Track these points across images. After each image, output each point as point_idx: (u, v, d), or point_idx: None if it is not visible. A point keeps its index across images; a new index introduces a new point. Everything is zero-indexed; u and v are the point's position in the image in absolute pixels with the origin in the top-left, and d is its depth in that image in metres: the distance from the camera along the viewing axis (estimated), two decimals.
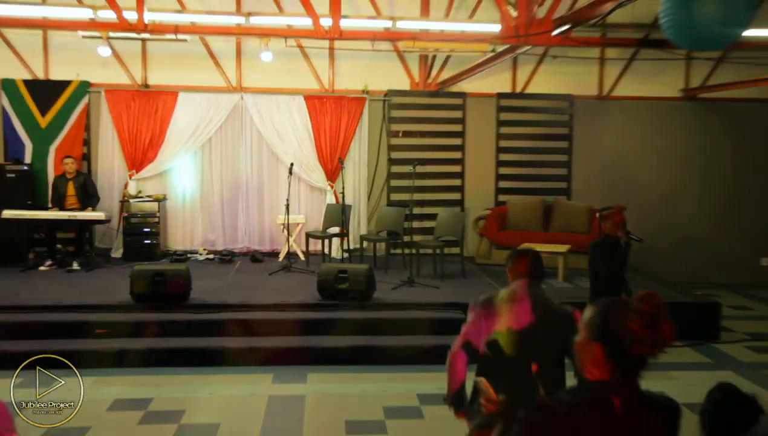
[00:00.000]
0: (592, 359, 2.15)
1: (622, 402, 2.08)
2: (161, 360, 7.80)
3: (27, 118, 11.60)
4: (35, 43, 11.79)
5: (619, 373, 2.11)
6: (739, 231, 12.59)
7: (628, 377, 2.12)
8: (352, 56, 12.06)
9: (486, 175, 12.47)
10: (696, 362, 8.25)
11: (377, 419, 6.42)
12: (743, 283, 12.33)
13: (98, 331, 8.15)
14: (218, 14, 10.44)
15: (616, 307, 2.14)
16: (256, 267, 11.11)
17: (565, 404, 2.15)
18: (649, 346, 2.05)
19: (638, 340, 2.05)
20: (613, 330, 2.09)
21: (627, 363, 2.10)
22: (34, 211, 10.69)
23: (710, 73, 12.51)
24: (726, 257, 12.46)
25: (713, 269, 12.35)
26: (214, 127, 11.93)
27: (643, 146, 12.52)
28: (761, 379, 7.48)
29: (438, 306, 8.83)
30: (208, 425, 6.33)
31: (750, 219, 12.60)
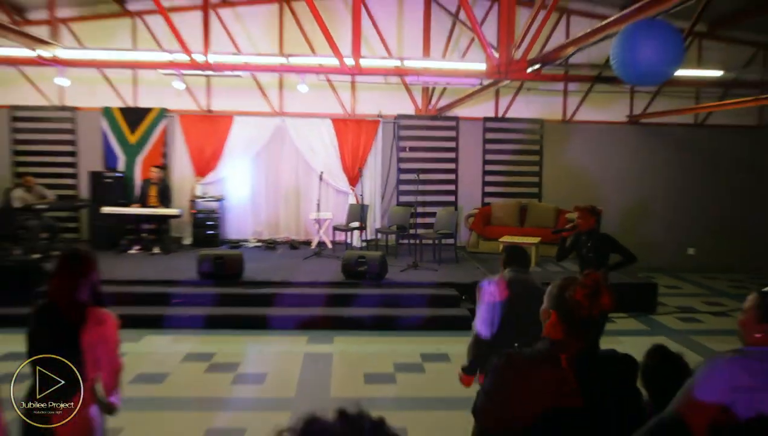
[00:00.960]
0: (549, 322, 2.19)
1: (567, 358, 2.10)
2: (221, 324, 7.86)
3: (120, 136, 11.71)
4: (127, 79, 11.94)
5: (569, 334, 2.14)
6: (671, 226, 12.59)
7: (577, 338, 2.14)
8: (369, 88, 12.13)
9: (474, 182, 12.48)
10: (638, 329, 8.32)
11: (389, 372, 6.48)
12: (674, 267, 12.35)
13: (174, 300, 8.26)
14: (265, 56, 10.48)
15: (567, 282, 2.17)
16: (293, 253, 11.16)
17: (525, 355, 2.18)
18: (588, 311, 2.08)
19: (580, 306, 2.09)
20: (563, 299, 2.13)
21: (574, 325, 2.12)
22: (125, 208, 10.77)
23: (649, 103, 12.51)
24: (661, 247, 12.46)
25: (652, 256, 12.31)
26: (260, 144, 11.97)
27: (598, 160, 12.53)
28: (687, 342, 7.56)
29: (436, 285, 8.86)
30: (258, 374, 6.40)
31: (679, 217, 12.60)
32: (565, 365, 2.09)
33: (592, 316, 2.10)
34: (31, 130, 11.87)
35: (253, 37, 11.80)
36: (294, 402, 5.68)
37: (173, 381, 6.14)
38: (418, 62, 9.86)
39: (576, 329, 2.13)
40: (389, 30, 11.98)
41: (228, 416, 5.35)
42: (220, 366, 6.56)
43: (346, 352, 7.14)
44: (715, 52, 11.96)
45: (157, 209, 10.74)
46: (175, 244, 11.33)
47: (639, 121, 12.58)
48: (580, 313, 2.10)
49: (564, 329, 2.14)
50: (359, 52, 8.53)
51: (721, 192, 12.65)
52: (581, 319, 2.10)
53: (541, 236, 10.62)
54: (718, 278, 11.88)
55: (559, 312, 2.15)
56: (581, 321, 2.11)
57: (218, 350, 7.03)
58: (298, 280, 8.92)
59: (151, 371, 6.34)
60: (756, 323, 2.24)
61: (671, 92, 11.90)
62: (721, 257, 12.58)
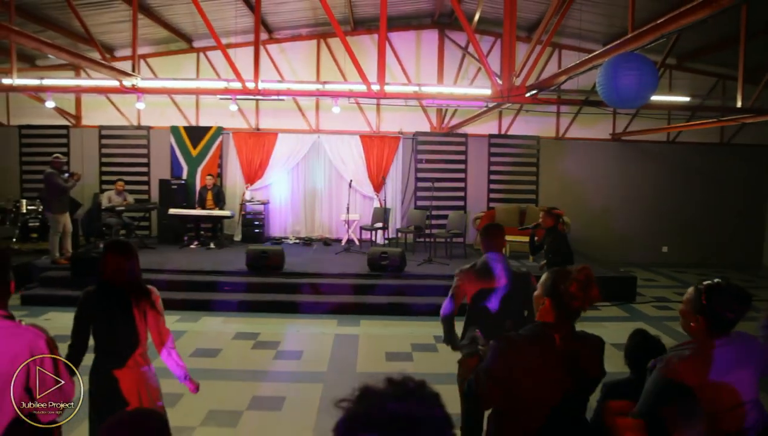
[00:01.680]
0: (542, 308, 2.18)
1: (561, 337, 2.11)
2: (264, 308, 7.86)
3: (184, 150, 11.84)
4: (191, 103, 12.07)
5: (560, 319, 2.14)
6: (647, 228, 12.43)
7: (566, 322, 2.15)
8: (392, 109, 12.10)
9: (481, 189, 12.39)
10: (619, 316, 8.17)
11: (407, 352, 6.45)
12: (651, 263, 12.19)
13: (226, 287, 8.30)
14: (305, 83, 10.52)
15: (561, 274, 2.16)
16: (326, 248, 11.15)
17: (521, 336, 2.17)
18: (581, 302, 2.08)
19: (574, 297, 2.08)
20: (558, 290, 2.11)
21: (566, 313, 2.12)
22: (187, 210, 10.87)
23: (629, 123, 12.32)
24: (640, 246, 12.35)
25: (632, 253, 12.23)
26: (300, 156, 12.00)
27: (585, 170, 12.37)
28: (662, 327, 7.40)
29: (448, 277, 8.71)
30: (295, 351, 6.39)
31: (654, 219, 12.43)
32: (559, 344, 2.10)
33: (583, 306, 2.10)
34: (114, 146, 12.06)
35: (295, 67, 11.84)
36: (326, 376, 5.67)
37: (225, 356, 6.17)
38: (433, 88, 9.82)
39: (567, 315, 2.13)
40: (409, 61, 11.95)
41: (270, 386, 5.36)
42: (263, 344, 6.57)
43: (370, 334, 7.10)
44: (684, 81, 11.88)
45: (213, 211, 10.80)
46: (227, 240, 11.40)
47: (620, 138, 12.40)
48: (573, 304, 2.09)
49: (556, 314, 2.14)
50: (384, 79, 8.51)
51: (689, 199, 12.47)
52: (574, 308, 2.10)
53: None
54: (688, 272, 11.69)
55: (553, 301, 2.14)
56: (574, 310, 2.11)
57: (262, 330, 7.04)
58: (330, 272, 8.90)
59: (206, 346, 6.38)
60: (691, 314, 2.22)
61: (647, 114, 11.73)
62: (690, 254, 12.47)
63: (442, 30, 11.94)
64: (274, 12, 10.60)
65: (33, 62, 11.56)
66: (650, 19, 5.38)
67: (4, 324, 2.01)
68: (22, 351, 1.98)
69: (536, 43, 7.52)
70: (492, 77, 8.24)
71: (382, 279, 8.60)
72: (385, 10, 8.09)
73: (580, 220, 11.98)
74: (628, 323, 7.68)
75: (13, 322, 2.04)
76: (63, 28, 9.79)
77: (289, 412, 4.80)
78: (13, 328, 2.02)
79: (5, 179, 11.81)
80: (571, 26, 10.17)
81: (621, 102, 5.53)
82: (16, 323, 2.04)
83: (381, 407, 0.95)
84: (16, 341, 1.99)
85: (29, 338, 2.02)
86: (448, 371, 5.80)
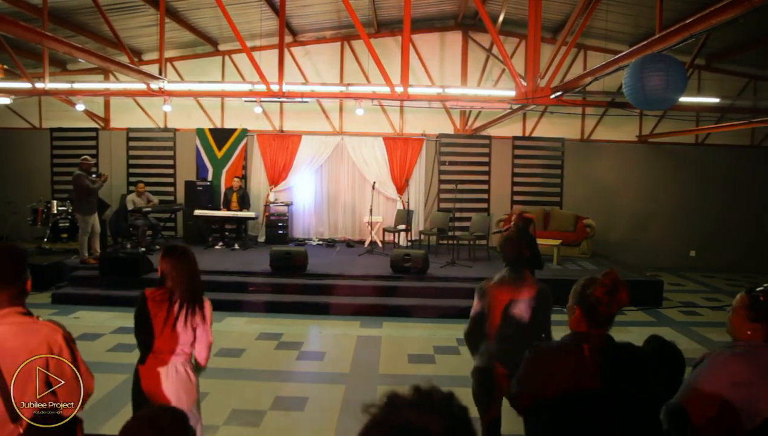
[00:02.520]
0: (574, 317, 2.16)
1: (590, 348, 2.07)
2: (288, 309, 7.89)
3: (209, 152, 11.95)
4: (216, 105, 12.21)
5: (591, 327, 2.11)
6: (675, 231, 12.18)
7: (598, 330, 2.11)
8: (415, 111, 12.08)
9: (504, 191, 12.29)
10: (645, 320, 8.04)
11: (429, 354, 6.43)
12: (678, 267, 11.95)
13: (250, 288, 8.36)
14: (328, 85, 10.58)
15: (589, 281, 2.13)
16: (349, 250, 11.15)
17: (551, 347, 2.17)
18: (606, 306, 2.06)
19: (600, 302, 2.06)
20: (586, 296, 2.09)
21: (595, 319, 2.09)
22: (212, 211, 10.97)
23: (656, 125, 12.11)
24: (667, 249, 12.12)
25: (658, 257, 12.00)
26: (323, 158, 12.04)
27: (611, 173, 12.20)
28: (689, 333, 7.26)
29: (471, 279, 8.67)
30: (318, 351, 6.42)
31: (682, 223, 12.17)
32: (587, 354, 2.06)
33: (611, 310, 2.07)
34: (142, 148, 12.27)
35: (319, 70, 11.91)
36: (348, 377, 5.68)
37: (249, 356, 6.22)
38: (457, 90, 9.81)
39: (597, 322, 2.10)
40: (432, 62, 11.94)
41: (293, 387, 5.40)
42: (286, 344, 6.61)
43: (392, 335, 7.09)
44: (713, 82, 11.64)
45: (238, 212, 10.88)
46: (251, 241, 11.47)
47: (647, 140, 12.19)
48: (600, 308, 2.06)
49: (587, 323, 2.11)
50: (407, 81, 8.53)
51: (718, 202, 12.20)
52: (601, 313, 2.07)
53: (561, 239, 10.43)
54: (716, 276, 11.46)
55: (582, 308, 2.11)
56: (602, 315, 2.08)
57: (285, 331, 7.09)
58: (353, 273, 8.90)
59: (230, 346, 6.44)
60: (746, 322, 2.14)
61: (675, 116, 11.53)
62: (718, 258, 12.15)
63: (466, 31, 11.90)
64: (299, 15, 10.69)
65: (64, 66, 11.84)
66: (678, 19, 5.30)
67: (21, 320, 2.07)
68: (40, 345, 2.03)
69: (561, 45, 7.47)
70: (516, 79, 8.20)
71: (405, 281, 8.58)
72: (408, 12, 8.11)
73: (605, 223, 11.83)
74: (654, 328, 7.53)
75: (30, 318, 2.11)
76: (93, 33, 10.01)
77: (312, 413, 4.82)
78: (30, 324, 2.08)
79: (37, 181, 12.10)
80: (597, 27, 10.06)
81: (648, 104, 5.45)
82: (33, 319, 2.11)
83: (402, 416, 0.94)
84: (33, 337, 2.05)
85: (46, 332, 2.07)
86: None
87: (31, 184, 12.01)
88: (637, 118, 12.14)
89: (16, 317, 2.07)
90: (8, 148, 12.17)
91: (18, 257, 2.17)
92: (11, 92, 9.63)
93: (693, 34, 4.92)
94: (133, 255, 8.54)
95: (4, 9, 7.90)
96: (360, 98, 9.59)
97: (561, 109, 11.56)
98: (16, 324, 2.05)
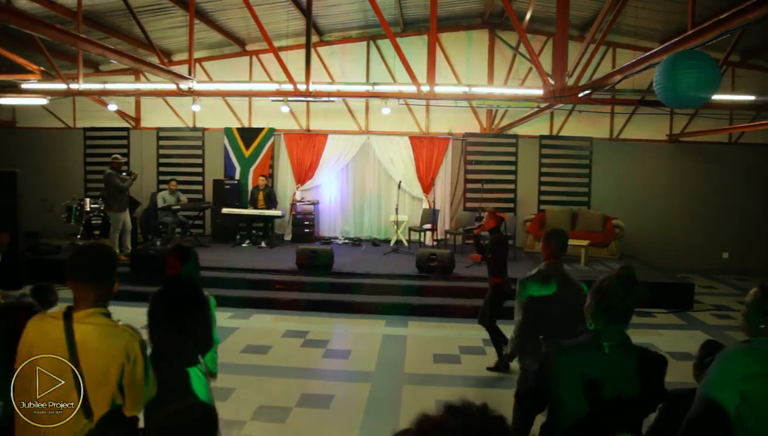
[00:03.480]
0: (591, 313, 2.16)
1: (610, 345, 2.07)
2: (314, 307, 7.95)
3: (237, 151, 12.10)
4: (244, 105, 12.34)
5: (607, 323, 2.10)
6: (707, 233, 11.86)
7: (614, 327, 2.10)
8: (441, 110, 12.03)
9: (531, 191, 12.17)
10: (676, 323, 7.88)
11: (454, 354, 6.41)
12: (710, 269, 11.66)
13: (277, 286, 8.44)
14: (354, 84, 10.62)
15: (607, 276, 2.15)
16: (375, 249, 11.17)
17: (571, 343, 2.16)
18: (622, 300, 2.05)
19: (614, 294, 2.06)
20: (601, 290, 2.11)
21: (611, 314, 2.08)
22: (240, 209, 11.10)
23: (687, 124, 11.82)
24: (698, 251, 11.81)
25: (690, 259, 11.72)
26: (349, 157, 12.07)
27: (640, 173, 11.96)
28: (721, 337, 7.09)
29: None
30: (344, 350, 6.46)
31: (715, 224, 11.86)
32: (608, 353, 2.06)
33: (626, 305, 2.06)
34: (171, 147, 12.47)
35: (345, 69, 11.94)
36: (374, 375, 5.70)
37: (275, 353, 6.28)
38: (484, 88, 9.74)
39: (614, 317, 2.09)
40: (458, 61, 11.87)
41: (319, 384, 5.44)
42: (312, 342, 6.66)
43: (417, 335, 7.09)
44: (747, 79, 11.27)
45: (264, 211, 10.98)
46: (278, 239, 11.55)
47: (678, 139, 11.92)
48: (615, 301, 2.06)
49: (603, 317, 2.10)
50: (434, 80, 8.50)
51: (752, 202, 11.84)
52: (617, 308, 2.07)
53: (589, 239, 10.29)
54: (750, 279, 11.10)
55: (598, 302, 2.11)
56: (617, 310, 2.07)
57: (311, 329, 7.13)
58: (379, 272, 8.91)
59: (257, 343, 6.52)
60: (760, 315, 2.08)
61: (707, 114, 11.23)
62: (752, 260, 11.81)
63: (493, 30, 11.81)
64: (325, 15, 10.74)
65: (97, 67, 12.09)
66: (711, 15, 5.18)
67: (104, 322, 2.14)
68: (120, 352, 2.10)
69: (590, 42, 7.35)
70: (544, 77, 8.10)
71: (431, 280, 8.57)
72: (435, 11, 8.08)
73: (635, 223, 11.61)
74: (685, 331, 7.39)
75: (111, 321, 2.18)
76: (124, 34, 10.21)
77: (337, 410, 4.85)
78: (113, 327, 2.15)
79: (71, 179, 12.40)
80: (626, 24, 9.89)
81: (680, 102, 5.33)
82: (114, 323, 2.17)
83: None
84: (115, 342, 2.11)
85: (127, 339, 2.14)
86: (496, 375, 5.76)
87: (65, 182, 12.31)
88: (667, 117, 11.88)
89: (99, 317, 2.13)
90: (44, 147, 12.50)
91: (114, 259, 2.26)
92: (48, 93, 9.87)
93: (728, 30, 4.80)
94: (163, 253, 8.66)
95: (42, 13, 8.10)
96: (386, 97, 9.59)
97: (589, 107, 11.39)
98: (100, 326, 2.12)
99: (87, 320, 2.10)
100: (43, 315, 2.16)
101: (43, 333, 2.08)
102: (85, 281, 2.12)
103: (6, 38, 9.25)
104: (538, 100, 8.91)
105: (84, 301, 2.12)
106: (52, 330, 2.07)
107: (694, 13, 5.42)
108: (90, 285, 2.12)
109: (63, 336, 2.05)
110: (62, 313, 2.10)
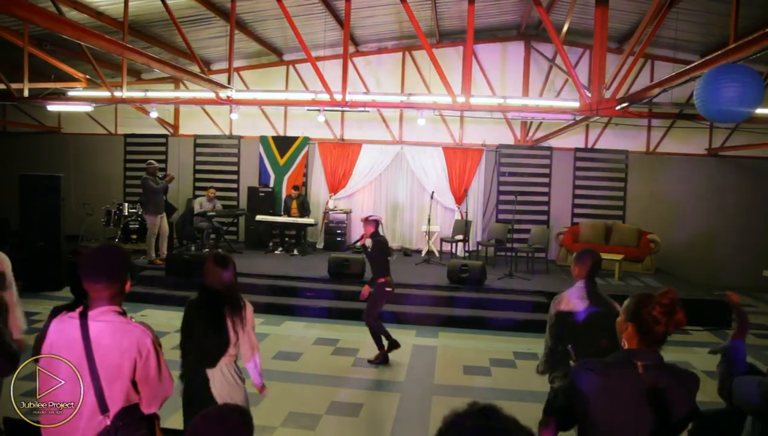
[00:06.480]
0: (626, 334, 2.13)
1: (644, 366, 2.04)
2: (345, 315, 7.95)
3: (272, 159, 12.30)
4: (280, 114, 12.58)
5: (643, 345, 2.08)
6: (747, 250, 11.50)
7: (650, 348, 2.08)
8: (475, 121, 12.04)
9: (565, 204, 12.03)
10: (711, 342, 7.67)
11: (485, 366, 6.37)
12: (749, 287, 11.23)
13: (309, 293, 8.50)
14: (389, 95, 10.70)
15: (645, 298, 2.10)
16: (406, 259, 11.16)
17: (603, 362, 2.13)
18: (664, 326, 2.03)
19: (657, 322, 2.03)
20: (641, 314, 2.07)
21: (649, 338, 2.06)
22: (273, 217, 11.23)
23: (728, 138, 11.54)
24: (738, 268, 11.44)
25: (728, 276, 11.38)
26: (383, 167, 12.14)
27: (677, 187, 11.72)
28: (760, 356, 6.92)
29: (529, 292, 8.60)
30: None
31: (755, 242, 11.50)
32: (641, 372, 2.03)
33: (667, 331, 2.05)
34: (208, 154, 12.77)
35: (380, 79, 12.07)
36: (403, 386, 5.71)
37: (305, 360, 6.34)
38: (518, 100, 9.71)
39: (651, 341, 2.07)
40: (493, 72, 11.87)
41: (348, 393, 5.46)
42: (343, 350, 6.70)
43: (448, 346, 7.07)
44: None
45: (298, 219, 11.08)
46: (310, 247, 11.65)
47: (717, 153, 11.66)
48: (657, 328, 2.04)
49: (639, 340, 2.09)
50: (469, 91, 8.53)
51: None
52: (658, 333, 2.05)
53: (624, 254, 10.12)
54: None
55: (636, 326, 2.09)
56: (658, 335, 2.05)
57: (342, 337, 7.18)
58: (410, 282, 8.86)
59: (288, 350, 6.59)
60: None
61: (748, 128, 10.92)
62: None
63: (528, 41, 11.77)
64: (361, 26, 10.88)
65: (139, 76, 12.49)
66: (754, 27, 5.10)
67: (117, 319, 2.24)
68: (131, 347, 2.19)
69: (628, 55, 7.29)
70: (580, 90, 8.06)
71: (462, 292, 8.55)
72: (472, 23, 8.12)
73: (671, 238, 11.36)
74: None
75: (124, 318, 2.27)
76: (166, 44, 10.54)
77: (366, 419, 4.88)
78: (124, 324, 2.24)
79: (111, 184, 12.80)
80: (666, 36, 9.73)
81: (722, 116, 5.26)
82: (127, 320, 2.27)
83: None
84: (126, 337, 2.20)
85: (138, 334, 2.22)
86: (527, 388, 5.70)
87: (106, 187, 12.72)
88: (706, 131, 11.63)
89: (113, 315, 2.23)
90: (87, 153, 12.94)
91: (124, 258, 2.36)
92: (93, 100, 10.25)
93: None
94: (197, 257, 8.87)
95: (90, 23, 8.43)
96: (421, 108, 9.64)
97: (626, 120, 11.25)
98: (113, 323, 2.22)
99: (100, 317, 2.19)
100: (63, 315, 2.25)
101: (61, 332, 2.20)
102: (97, 281, 2.21)
103: (56, 47, 9.66)
104: (575, 113, 8.85)
105: (98, 299, 2.22)
106: (69, 329, 2.18)
107: (737, 25, 5.35)
108: (102, 284, 2.21)
109: (79, 334, 2.15)
110: (79, 312, 2.21)
